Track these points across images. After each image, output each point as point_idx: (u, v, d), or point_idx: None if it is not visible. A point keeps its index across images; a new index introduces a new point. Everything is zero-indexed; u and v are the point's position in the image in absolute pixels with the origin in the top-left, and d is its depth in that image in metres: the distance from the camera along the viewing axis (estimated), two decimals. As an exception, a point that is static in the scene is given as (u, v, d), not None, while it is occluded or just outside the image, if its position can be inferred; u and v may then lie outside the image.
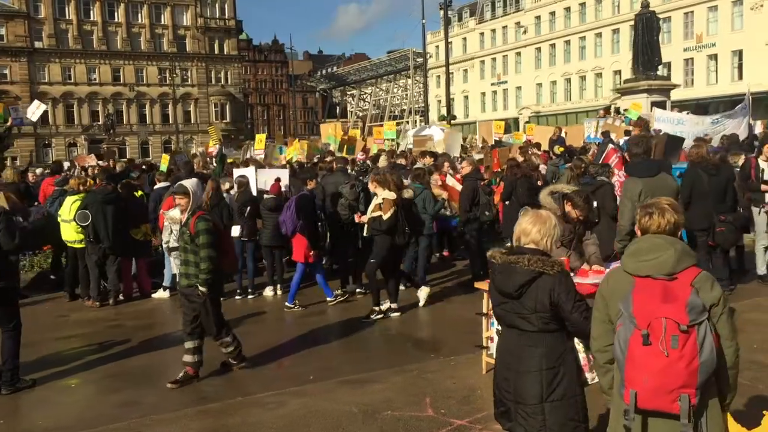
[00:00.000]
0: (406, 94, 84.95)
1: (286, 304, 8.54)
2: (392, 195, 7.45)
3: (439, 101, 77.45)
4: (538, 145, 15.92)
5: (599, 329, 2.94)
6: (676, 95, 50.95)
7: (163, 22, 74.57)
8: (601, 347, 2.92)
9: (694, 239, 8.28)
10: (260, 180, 9.89)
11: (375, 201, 7.48)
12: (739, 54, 46.89)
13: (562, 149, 13.21)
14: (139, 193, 10.30)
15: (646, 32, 23.35)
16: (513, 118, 61.61)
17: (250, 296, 9.29)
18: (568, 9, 59.68)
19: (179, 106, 75.03)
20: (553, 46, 61.41)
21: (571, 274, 5.97)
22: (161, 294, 9.42)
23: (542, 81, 62.78)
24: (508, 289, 3.28)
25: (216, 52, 77.33)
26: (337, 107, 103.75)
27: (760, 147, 10.27)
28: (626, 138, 15.42)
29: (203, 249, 5.51)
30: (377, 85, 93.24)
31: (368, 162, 13.22)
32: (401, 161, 12.27)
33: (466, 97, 72.38)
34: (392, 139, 16.04)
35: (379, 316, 7.79)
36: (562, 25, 60.18)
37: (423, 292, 8.36)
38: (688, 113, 24.12)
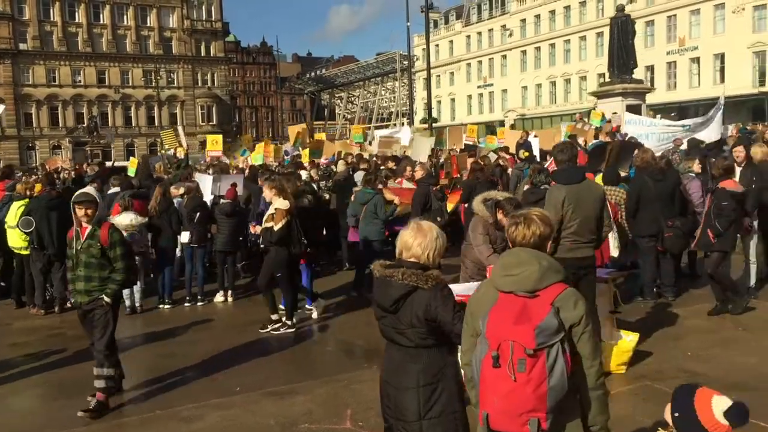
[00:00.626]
0: (394, 97, 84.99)
1: (306, 306, 8.34)
2: (285, 204, 7.20)
3: (426, 103, 77.60)
4: (506, 149, 15.92)
5: (467, 343, 2.86)
6: (659, 98, 51.42)
7: (149, 24, 74.27)
8: (468, 361, 2.84)
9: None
10: (222, 186, 9.77)
11: (269, 210, 7.34)
12: (721, 57, 47.14)
13: (527, 154, 13.15)
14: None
15: (622, 36, 23.40)
16: (499, 121, 61.73)
17: (199, 303, 9.17)
18: (552, 12, 59.87)
19: (165, 108, 74.69)
20: (538, 49, 61.58)
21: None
22: (109, 301, 9.27)
23: (527, 84, 62.93)
24: (384, 304, 3.19)
25: (202, 54, 77.07)
26: (326, 109, 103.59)
27: (729, 151, 10.26)
28: (594, 142, 15.49)
29: (120, 260, 5.32)
30: (365, 88, 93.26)
31: (332, 166, 13.13)
32: (364, 165, 12.18)
33: (453, 100, 72.43)
34: (360, 143, 15.92)
35: (277, 326, 7.57)
36: (547, 29, 60.36)
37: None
38: (661, 117, 24.24)
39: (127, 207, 8.51)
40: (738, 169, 8.58)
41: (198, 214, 8.91)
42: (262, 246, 7.79)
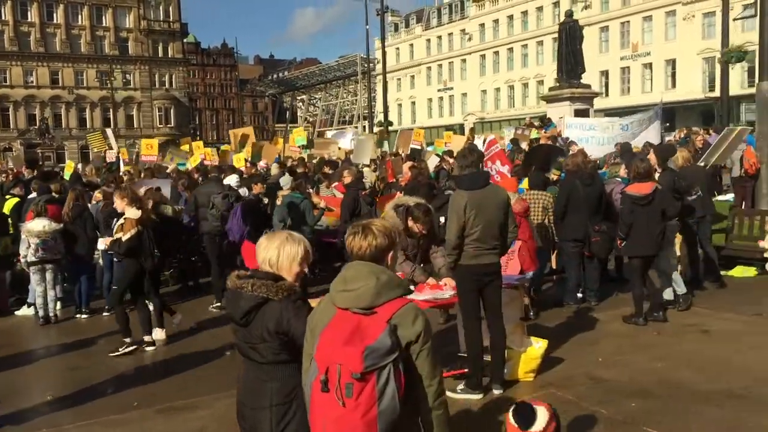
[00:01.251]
0: (356, 100, 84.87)
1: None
2: (136, 214, 6.87)
3: (387, 106, 77.59)
4: (450, 153, 15.91)
5: (305, 362, 2.71)
6: (613, 103, 52.36)
7: (104, 24, 72.74)
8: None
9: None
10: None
11: (119, 221, 7.06)
12: (673, 63, 48.21)
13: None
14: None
15: (570, 42, 23.69)
16: (459, 124, 62.08)
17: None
18: (510, 17, 60.52)
19: (121, 109, 73.37)
20: (496, 53, 62.16)
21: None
22: (25, 311, 8.91)
23: (486, 88, 63.46)
24: (235, 317, 3.03)
25: (160, 55, 75.79)
26: (287, 112, 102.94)
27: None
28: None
29: None
30: (327, 90, 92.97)
31: (271, 171, 12.90)
32: (301, 169, 12.00)
33: (414, 103, 72.65)
34: (302, 146, 15.76)
35: (130, 349, 7.04)
36: (505, 33, 60.98)
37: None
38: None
39: (41, 213, 8.19)
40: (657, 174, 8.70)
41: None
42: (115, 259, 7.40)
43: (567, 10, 25.27)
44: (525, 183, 8.65)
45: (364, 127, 78.51)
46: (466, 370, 5.53)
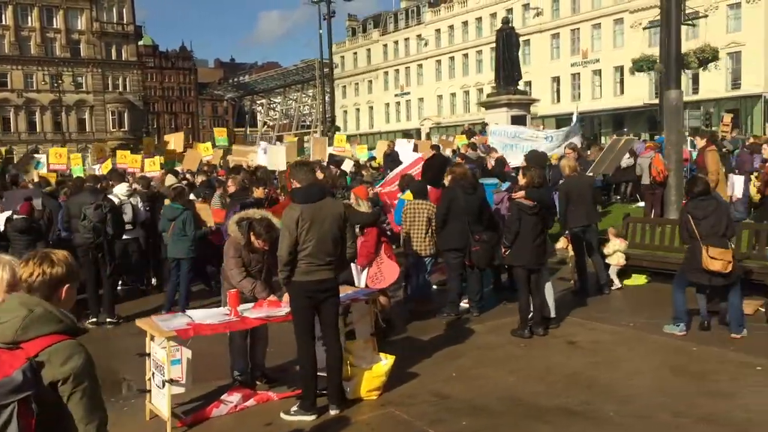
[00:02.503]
0: (315, 104, 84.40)
1: None
2: None
3: (345, 111, 77.45)
4: (374, 159, 15.83)
5: None
6: (564, 108, 52.94)
7: (55, 26, 71.07)
8: None
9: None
10: (12, 201, 9.07)
11: None
12: (621, 70, 49.00)
13: (379, 162, 13.05)
14: None
15: (506, 48, 23.75)
16: (416, 129, 62.27)
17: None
18: (465, 23, 60.95)
19: (73, 113, 71.79)
20: (452, 58, 62.51)
21: (248, 305, 5.65)
22: None
23: (443, 93, 63.75)
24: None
25: (113, 57, 74.39)
26: (246, 116, 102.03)
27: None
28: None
29: None
30: (286, 95, 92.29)
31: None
32: (202, 177, 11.70)
33: (371, 108, 72.64)
34: (223, 147, 15.40)
35: None
36: (460, 39, 61.37)
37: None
38: (539, 126, 24.77)
39: None
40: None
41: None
42: None
43: (504, 17, 25.41)
44: (407, 194, 8.54)
45: (323, 131, 78.26)
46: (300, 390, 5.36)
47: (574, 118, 16.06)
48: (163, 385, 5.02)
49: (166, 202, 8.92)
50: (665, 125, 13.45)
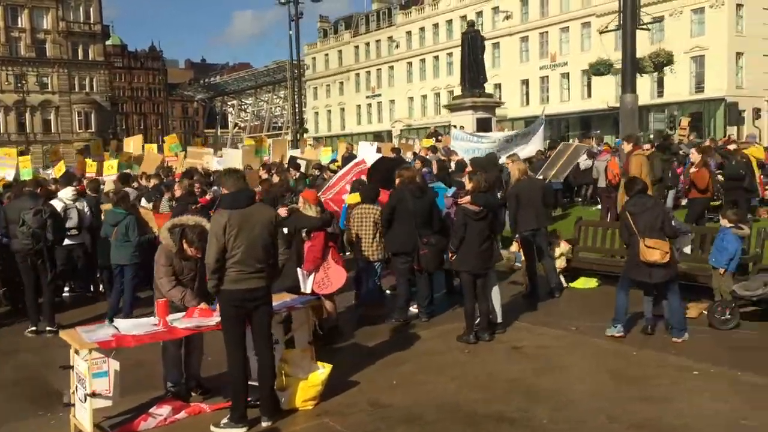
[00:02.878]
0: (287, 105, 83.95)
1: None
2: None
3: (317, 113, 77.19)
4: (335, 161, 15.73)
5: None
6: (533, 111, 53.28)
7: (20, 25, 69.65)
8: None
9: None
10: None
11: None
12: (588, 73, 49.52)
13: (338, 164, 12.94)
14: None
15: (472, 51, 23.88)
16: (387, 131, 62.21)
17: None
18: (436, 26, 61.14)
19: (38, 114, 70.44)
20: (423, 61, 62.62)
21: (179, 315, 5.50)
22: None
23: (414, 95, 63.84)
24: None
25: (80, 57, 73.12)
26: (217, 117, 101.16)
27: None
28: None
29: None
30: (258, 96, 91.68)
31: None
32: (155, 181, 11.48)
33: (343, 109, 72.47)
34: (177, 153, 15.17)
35: None
36: (431, 41, 61.53)
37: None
38: (504, 129, 24.89)
39: None
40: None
41: None
42: None
43: (469, 20, 25.62)
44: (351, 197, 8.43)
45: (296, 132, 77.86)
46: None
47: (541, 121, 16.06)
48: (85, 399, 4.84)
49: (108, 206, 8.70)
50: (621, 128, 13.65)
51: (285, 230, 7.27)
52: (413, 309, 8.22)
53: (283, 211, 7.37)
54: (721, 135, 39.02)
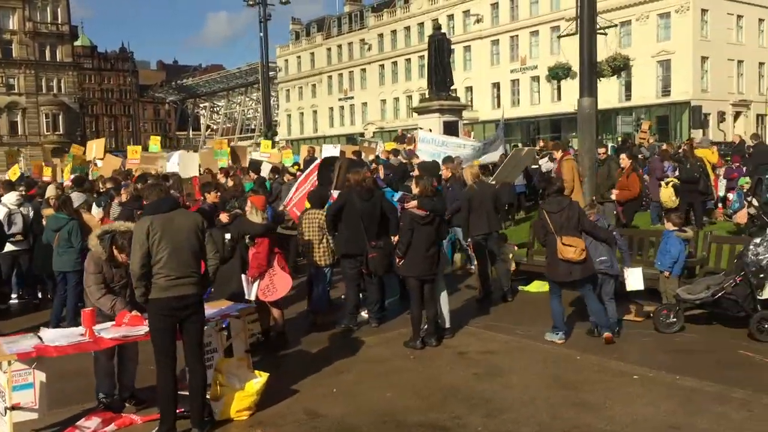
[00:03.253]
0: (259, 107, 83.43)
1: None
2: None
3: (289, 115, 76.84)
4: (296, 165, 15.61)
5: None
6: (505, 114, 53.46)
7: (-16, 26, 68.37)
8: None
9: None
10: None
11: None
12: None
13: (296, 168, 12.83)
14: None
15: (438, 54, 23.85)
16: (359, 133, 62.12)
17: None
18: (407, 28, 61.24)
19: (4, 116, 69.08)
20: (395, 63, 62.67)
21: (107, 324, 5.36)
22: None
23: (386, 97, 63.87)
24: None
25: (47, 58, 71.85)
26: (189, 119, 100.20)
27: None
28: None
29: None
30: (230, 98, 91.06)
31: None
32: (109, 185, 11.25)
33: (315, 112, 72.23)
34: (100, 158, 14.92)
35: None
36: (403, 44, 61.60)
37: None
38: (470, 134, 24.97)
39: None
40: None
41: None
42: None
43: (435, 23, 25.49)
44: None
45: (266, 135, 77.34)
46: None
47: (501, 125, 16.11)
48: (5, 413, 4.69)
49: (49, 211, 8.49)
50: (578, 132, 13.70)
51: (228, 236, 7.18)
52: (364, 314, 8.15)
53: (224, 217, 7.26)
54: (687, 138, 39.72)
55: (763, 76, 47.32)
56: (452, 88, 25.02)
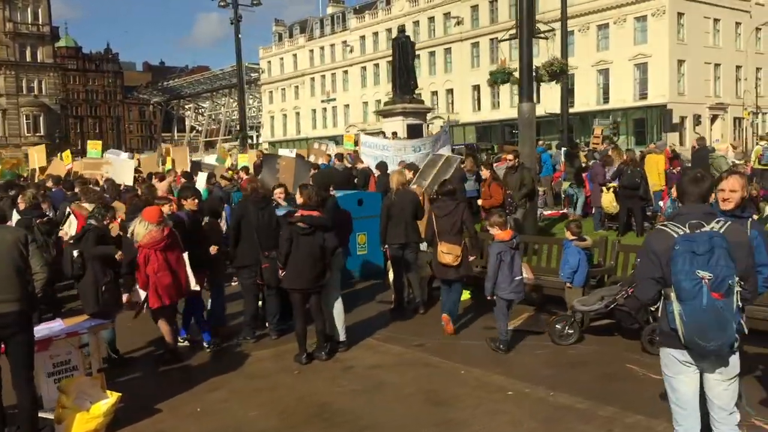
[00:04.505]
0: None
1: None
2: None
3: (272, 117, 76.58)
4: (246, 169, 15.45)
5: None
6: (485, 116, 53.64)
7: (-36, 26, 67.81)
8: None
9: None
10: None
11: None
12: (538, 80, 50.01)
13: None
14: None
15: (402, 57, 23.71)
16: (342, 135, 61.92)
17: None
18: (389, 30, 60.92)
19: (-16, 117, 68.56)
20: (377, 65, 62.57)
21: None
22: None
23: (368, 99, 63.75)
24: None
25: (28, 59, 71.32)
26: (174, 120, 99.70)
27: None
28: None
29: None
30: (214, 99, 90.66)
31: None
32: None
33: (298, 114, 72.05)
34: (95, 158, 14.59)
35: None
36: (385, 46, 61.34)
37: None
38: (413, 137, 24.81)
39: None
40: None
41: None
42: None
43: (399, 26, 25.38)
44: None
45: (252, 137, 77.01)
46: None
47: (446, 129, 15.94)
48: None
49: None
50: (519, 137, 13.53)
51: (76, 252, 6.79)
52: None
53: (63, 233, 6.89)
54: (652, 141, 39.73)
55: (740, 79, 47.44)
56: (417, 91, 24.90)
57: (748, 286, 3.51)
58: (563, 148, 19.77)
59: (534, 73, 15.25)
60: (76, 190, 11.48)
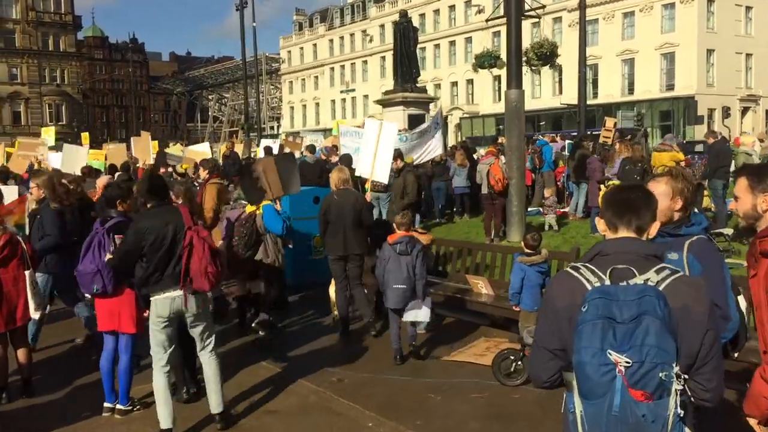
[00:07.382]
0: (264, 99, 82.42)
1: None
2: None
3: (292, 107, 75.74)
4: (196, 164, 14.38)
5: None
6: (486, 109, 51.93)
7: (-14, 15, 68.32)
8: None
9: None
10: None
11: None
12: (560, 70, 48.21)
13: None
14: None
15: (404, 43, 22.48)
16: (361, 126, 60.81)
17: None
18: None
19: (7, 105, 68.99)
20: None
21: None
22: None
23: (388, 89, 62.32)
24: None
25: (50, 48, 71.61)
26: (198, 110, 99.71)
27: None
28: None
29: None
30: (235, 89, 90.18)
31: None
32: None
33: (318, 104, 71.05)
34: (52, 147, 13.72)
35: None
36: (404, 35, 60.00)
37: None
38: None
39: None
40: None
41: None
42: None
43: (401, 10, 24.07)
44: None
45: (272, 127, 76.40)
46: None
47: (437, 120, 14.66)
48: None
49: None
50: (505, 127, 12.22)
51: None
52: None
53: None
54: (691, 134, 37.65)
55: (775, 69, 45.04)
56: (418, 79, 23.60)
57: (702, 382, 2.16)
58: (567, 141, 18.31)
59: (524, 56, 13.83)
60: None
